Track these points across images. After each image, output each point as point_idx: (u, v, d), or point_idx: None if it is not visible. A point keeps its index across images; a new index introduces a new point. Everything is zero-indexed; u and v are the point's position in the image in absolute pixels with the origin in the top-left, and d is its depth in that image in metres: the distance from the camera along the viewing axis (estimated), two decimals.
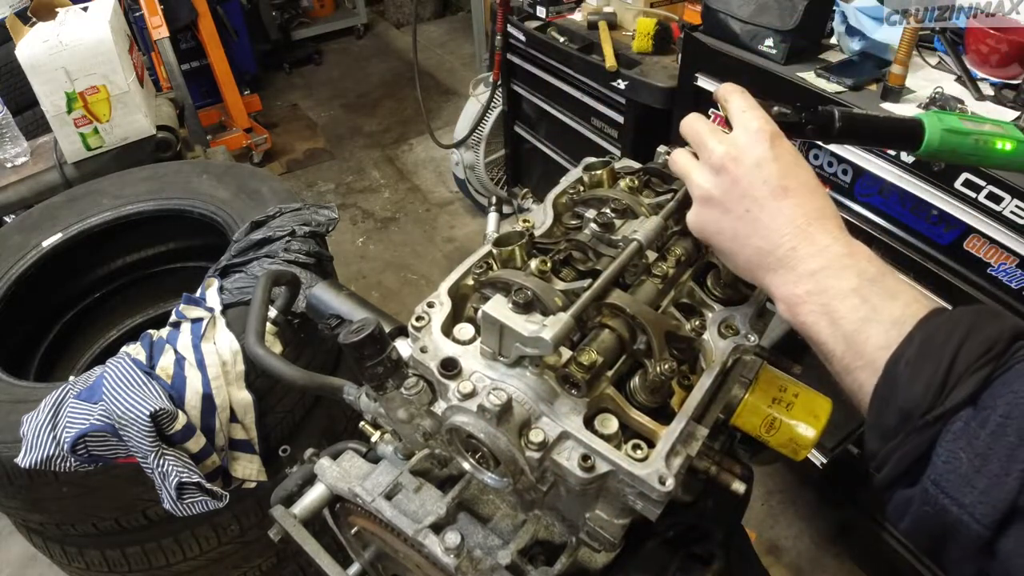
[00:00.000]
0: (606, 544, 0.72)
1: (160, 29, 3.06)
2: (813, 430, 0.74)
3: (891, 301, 0.56)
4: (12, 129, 2.35)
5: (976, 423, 0.48)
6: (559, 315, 0.63)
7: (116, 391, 1.25)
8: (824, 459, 1.98)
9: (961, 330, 0.51)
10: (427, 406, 0.69)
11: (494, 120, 3.28)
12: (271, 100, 5.09)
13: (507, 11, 2.81)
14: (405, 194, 4.11)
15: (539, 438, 0.62)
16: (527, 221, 0.84)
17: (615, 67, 2.30)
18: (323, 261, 1.64)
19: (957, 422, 0.49)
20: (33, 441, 1.24)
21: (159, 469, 1.24)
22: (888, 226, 1.72)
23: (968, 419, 0.48)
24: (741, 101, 0.68)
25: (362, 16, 5.98)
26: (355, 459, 0.95)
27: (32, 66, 2.16)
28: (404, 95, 5.06)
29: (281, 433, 1.54)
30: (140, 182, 1.96)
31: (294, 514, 0.93)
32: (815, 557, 2.23)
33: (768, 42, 1.84)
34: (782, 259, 0.61)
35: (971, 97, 1.65)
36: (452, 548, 0.73)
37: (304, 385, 0.98)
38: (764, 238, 0.62)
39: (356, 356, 0.69)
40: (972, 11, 1.58)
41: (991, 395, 0.48)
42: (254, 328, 1.08)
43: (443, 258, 3.60)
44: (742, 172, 0.64)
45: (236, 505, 1.45)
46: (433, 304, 0.75)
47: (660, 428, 0.65)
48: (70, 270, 1.95)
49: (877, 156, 1.64)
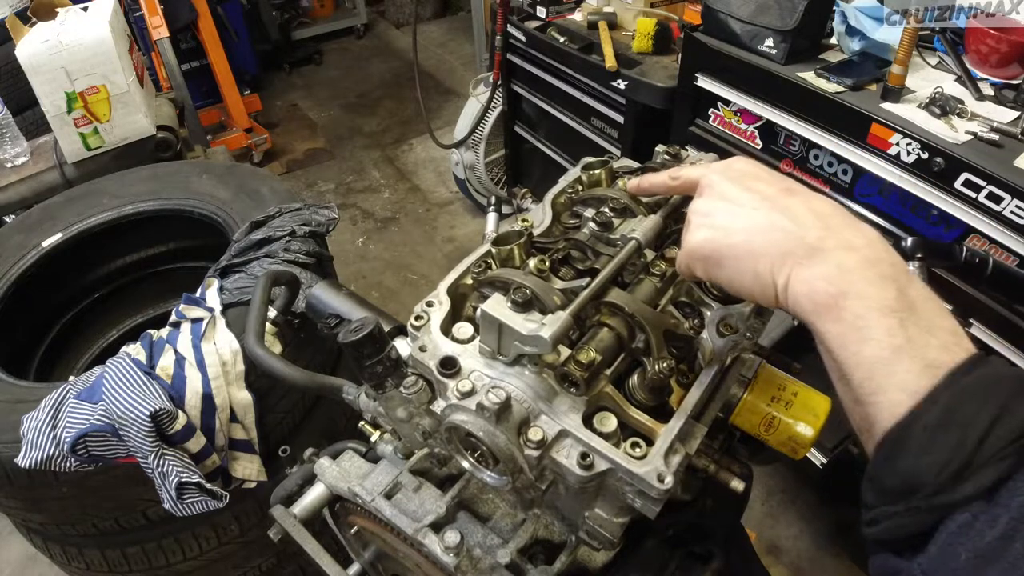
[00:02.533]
0: (605, 542, 0.72)
1: (160, 29, 3.06)
2: (812, 429, 0.74)
3: (928, 335, 0.49)
4: (12, 129, 2.35)
5: (984, 520, 0.43)
6: (558, 314, 0.63)
7: (116, 391, 1.25)
8: (824, 459, 1.97)
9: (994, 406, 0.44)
10: (426, 405, 0.69)
11: (494, 120, 3.28)
12: (271, 100, 5.09)
13: (507, 11, 2.81)
14: (405, 194, 4.11)
15: (538, 436, 0.62)
16: (526, 220, 0.85)
17: (615, 67, 2.30)
18: (323, 261, 1.64)
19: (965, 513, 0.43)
20: (33, 441, 1.24)
21: (159, 469, 1.24)
22: (888, 226, 1.72)
23: (977, 513, 0.43)
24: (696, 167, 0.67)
25: (362, 16, 5.99)
26: (355, 459, 0.95)
27: (32, 66, 2.16)
28: (404, 95, 5.06)
29: (281, 433, 1.54)
30: (140, 182, 1.96)
31: (294, 514, 0.93)
32: (815, 557, 2.23)
33: (768, 42, 1.84)
34: (813, 247, 0.54)
35: (971, 97, 1.65)
36: (452, 547, 0.74)
37: (304, 385, 0.98)
38: (790, 221, 0.56)
39: (355, 355, 0.69)
40: (972, 11, 1.58)
41: (1009, 492, 0.43)
42: (254, 328, 1.08)
43: (443, 258, 3.60)
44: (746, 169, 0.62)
45: (236, 505, 1.45)
46: (432, 303, 0.75)
47: (659, 426, 0.65)
48: (70, 270, 1.95)
49: (877, 156, 1.64)
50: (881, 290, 0.50)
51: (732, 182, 0.62)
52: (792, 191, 0.59)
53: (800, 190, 0.60)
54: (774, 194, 0.59)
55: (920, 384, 0.47)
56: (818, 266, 0.53)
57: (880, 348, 0.48)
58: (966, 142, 1.51)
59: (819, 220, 0.55)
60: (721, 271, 0.60)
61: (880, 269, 0.52)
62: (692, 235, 0.62)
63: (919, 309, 0.50)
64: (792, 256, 0.54)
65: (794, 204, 0.57)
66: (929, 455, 0.45)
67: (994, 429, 0.43)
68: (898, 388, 0.47)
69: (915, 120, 1.58)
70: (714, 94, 2.03)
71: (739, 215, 0.59)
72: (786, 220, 0.56)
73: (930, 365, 0.47)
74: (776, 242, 0.55)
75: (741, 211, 0.59)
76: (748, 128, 1.99)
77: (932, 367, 0.47)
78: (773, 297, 0.56)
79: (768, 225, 0.57)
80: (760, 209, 0.58)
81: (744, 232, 0.58)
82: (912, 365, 0.47)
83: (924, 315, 0.50)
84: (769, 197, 0.59)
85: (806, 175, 1.88)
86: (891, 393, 0.48)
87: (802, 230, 0.55)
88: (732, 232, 0.58)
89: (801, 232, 0.55)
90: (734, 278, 0.59)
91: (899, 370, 0.48)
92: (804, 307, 0.53)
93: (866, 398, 0.49)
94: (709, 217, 0.61)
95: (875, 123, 1.61)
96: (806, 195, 0.59)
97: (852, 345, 0.50)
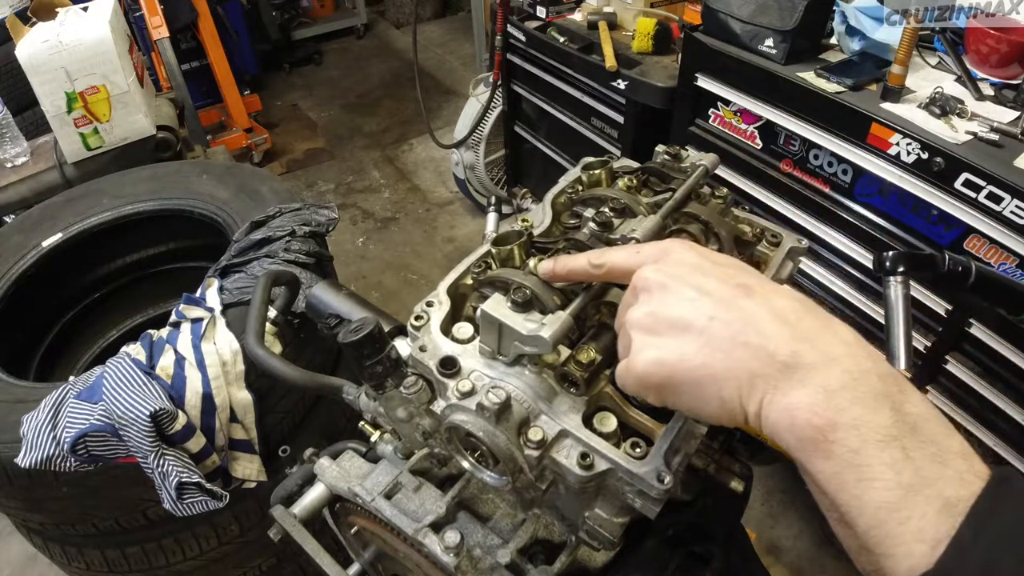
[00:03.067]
0: (605, 543, 0.72)
1: (160, 29, 3.06)
2: None
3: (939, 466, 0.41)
4: (12, 129, 2.35)
5: None
6: (558, 314, 0.63)
7: (116, 391, 1.25)
8: None
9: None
10: (426, 405, 0.69)
11: (494, 120, 3.28)
12: (271, 100, 5.09)
13: (507, 11, 2.81)
14: (405, 194, 4.11)
15: (538, 436, 0.62)
16: (526, 220, 0.84)
17: (615, 67, 2.30)
18: (323, 261, 1.64)
19: None
20: (33, 441, 1.24)
21: (159, 469, 1.24)
22: (888, 226, 1.72)
23: None
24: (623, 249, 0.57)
25: (362, 16, 5.99)
26: (355, 459, 0.95)
27: (32, 66, 2.16)
28: (404, 95, 5.06)
29: (281, 433, 1.54)
30: (140, 182, 1.96)
31: (294, 514, 0.93)
32: (815, 557, 2.23)
33: (768, 42, 1.84)
34: (786, 364, 0.45)
35: (971, 97, 1.65)
36: (452, 547, 0.74)
37: (304, 385, 0.98)
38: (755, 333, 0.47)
39: (355, 355, 0.69)
40: (972, 11, 1.59)
41: None
42: (254, 328, 1.08)
43: (443, 258, 3.60)
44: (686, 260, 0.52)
45: (236, 505, 1.45)
46: (432, 303, 0.75)
47: (659, 426, 0.65)
48: (70, 270, 1.95)
49: (877, 156, 1.64)
50: (875, 414, 0.42)
51: (674, 281, 0.51)
52: (749, 289, 0.50)
53: (756, 286, 0.50)
54: (728, 296, 0.49)
55: (940, 531, 0.39)
56: (796, 390, 0.44)
57: (886, 490, 0.41)
58: (966, 142, 1.51)
59: (787, 328, 0.47)
60: (679, 399, 0.51)
61: (870, 384, 0.44)
62: (637, 358, 0.52)
63: (921, 430, 0.43)
64: (763, 379, 0.46)
65: (754, 308, 0.48)
66: None
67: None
68: (915, 539, 0.40)
69: (915, 120, 1.58)
70: (714, 94, 2.03)
71: (691, 330, 0.49)
72: (749, 332, 0.47)
73: (948, 503, 0.40)
74: (741, 361, 0.46)
75: (693, 324, 0.49)
76: (748, 128, 1.99)
77: (950, 506, 0.40)
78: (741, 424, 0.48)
79: (728, 341, 0.47)
80: (716, 319, 0.48)
81: (701, 354, 0.48)
82: (928, 508, 0.40)
83: (928, 437, 0.42)
84: (723, 300, 0.49)
85: (806, 175, 1.88)
86: (908, 545, 0.40)
87: (770, 343, 0.46)
88: (685, 355, 0.49)
89: (770, 346, 0.46)
90: (695, 407, 0.51)
91: (913, 516, 0.40)
92: (786, 441, 0.45)
93: (875, 548, 0.42)
94: (653, 335, 0.51)
95: (875, 123, 1.61)
96: (765, 293, 0.50)
97: (851, 488, 0.42)
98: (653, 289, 0.52)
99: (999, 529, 0.39)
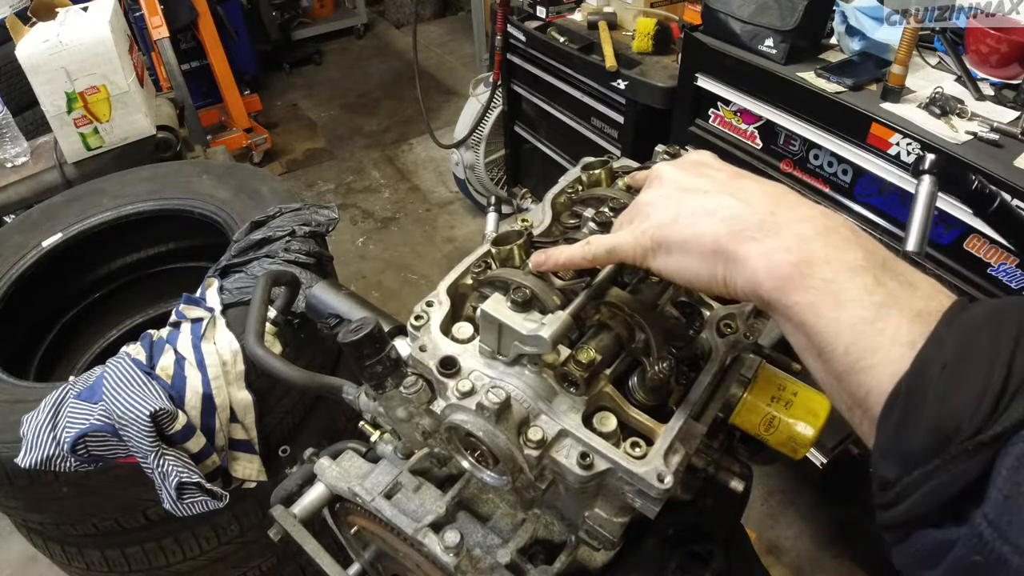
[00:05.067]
0: (605, 542, 0.72)
1: (160, 29, 3.06)
2: (812, 428, 0.73)
3: (910, 288, 0.45)
4: (12, 129, 2.35)
5: None
6: (557, 313, 0.63)
7: (116, 391, 1.25)
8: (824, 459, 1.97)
9: (1011, 329, 0.40)
10: (426, 405, 0.69)
11: (494, 120, 3.28)
12: (271, 100, 5.09)
13: (507, 11, 2.81)
14: (405, 194, 4.11)
15: (538, 436, 0.62)
16: (526, 220, 0.84)
17: (615, 67, 2.30)
18: (323, 261, 1.64)
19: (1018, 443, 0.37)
20: (33, 441, 1.24)
21: (159, 469, 1.24)
22: (888, 226, 1.72)
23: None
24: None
25: (362, 16, 5.99)
26: (355, 459, 0.95)
27: (32, 66, 2.16)
28: (404, 95, 5.06)
29: (281, 433, 1.54)
30: (140, 182, 1.96)
31: (294, 514, 0.93)
32: (815, 557, 2.23)
33: (768, 42, 1.85)
34: (762, 224, 0.50)
35: (971, 97, 1.65)
36: (451, 547, 0.74)
37: (304, 385, 0.98)
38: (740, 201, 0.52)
39: (355, 355, 0.69)
40: (972, 11, 1.58)
41: None
42: (254, 328, 1.08)
43: (443, 258, 3.60)
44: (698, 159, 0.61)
45: (236, 505, 1.45)
46: (432, 303, 0.75)
47: (658, 426, 0.65)
48: (70, 270, 1.95)
49: (877, 156, 1.64)
50: (847, 252, 0.47)
51: (681, 170, 0.60)
52: (742, 175, 0.57)
53: (752, 175, 0.57)
54: (724, 179, 0.56)
55: (916, 333, 0.42)
56: (772, 239, 0.49)
57: (861, 308, 0.44)
58: (966, 142, 1.51)
59: (770, 199, 0.52)
60: (669, 259, 0.56)
61: (841, 234, 0.48)
62: (638, 225, 0.58)
63: (892, 266, 0.47)
64: (743, 233, 0.50)
65: (744, 185, 0.55)
66: (957, 393, 0.39)
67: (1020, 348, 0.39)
68: (893, 342, 0.43)
69: (915, 120, 1.58)
70: (714, 94, 2.03)
71: (686, 200, 0.55)
72: (734, 200, 0.53)
73: (920, 313, 0.43)
74: (724, 220, 0.52)
75: (689, 196, 0.56)
76: (748, 128, 1.99)
77: (923, 315, 0.43)
78: (721, 282, 0.52)
79: (716, 206, 0.53)
80: (709, 193, 0.55)
81: (691, 215, 0.54)
82: (901, 319, 0.43)
83: (898, 271, 0.47)
84: (719, 181, 0.56)
85: (806, 175, 1.88)
86: (887, 350, 0.43)
87: (751, 208, 0.51)
88: (678, 217, 0.55)
89: (750, 210, 0.51)
90: (682, 266, 0.55)
91: (889, 325, 0.43)
92: (763, 284, 0.49)
93: (856, 364, 0.44)
94: (654, 206, 0.58)
95: (875, 123, 1.61)
96: (757, 179, 0.56)
97: (828, 312, 0.45)
98: (663, 176, 0.60)
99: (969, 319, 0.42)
